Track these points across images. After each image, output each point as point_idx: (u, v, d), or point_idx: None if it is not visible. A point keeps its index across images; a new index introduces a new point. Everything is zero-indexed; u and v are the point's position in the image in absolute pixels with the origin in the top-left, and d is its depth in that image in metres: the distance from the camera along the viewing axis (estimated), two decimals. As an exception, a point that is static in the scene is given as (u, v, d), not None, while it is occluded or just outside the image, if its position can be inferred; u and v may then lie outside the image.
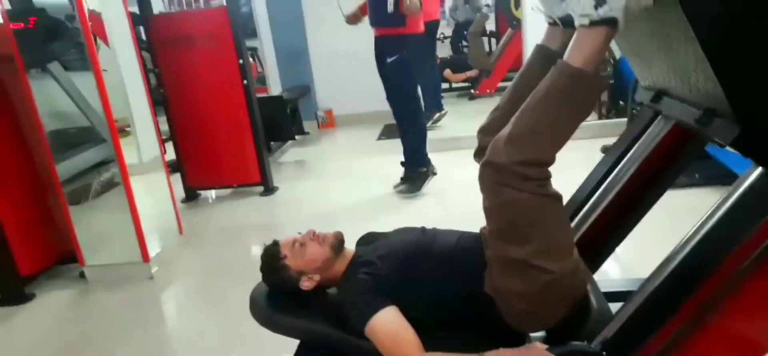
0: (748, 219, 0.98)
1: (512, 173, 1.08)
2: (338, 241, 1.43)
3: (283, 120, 4.95)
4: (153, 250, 2.86)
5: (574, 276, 1.20)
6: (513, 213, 1.13)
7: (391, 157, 3.74)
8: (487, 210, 1.17)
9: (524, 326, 1.25)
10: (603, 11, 1.00)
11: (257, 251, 3.03)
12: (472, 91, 6.68)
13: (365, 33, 3.29)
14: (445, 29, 8.23)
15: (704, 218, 1.15)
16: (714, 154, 2.99)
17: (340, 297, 1.37)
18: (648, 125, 1.67)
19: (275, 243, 1.46)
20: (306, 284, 1.40)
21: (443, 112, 5.31)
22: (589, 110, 1.13)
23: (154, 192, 3.26)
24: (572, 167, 1.78)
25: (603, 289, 1.49)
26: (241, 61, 3.72)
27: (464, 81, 6.81)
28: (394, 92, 3.24)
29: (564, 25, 1.36)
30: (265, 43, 6.06)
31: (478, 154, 1.44)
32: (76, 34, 2.74)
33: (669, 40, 1.09)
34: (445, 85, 6.76)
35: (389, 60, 3.12)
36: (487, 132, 1.41)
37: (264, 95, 5.57)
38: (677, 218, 1.18)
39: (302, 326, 1.43)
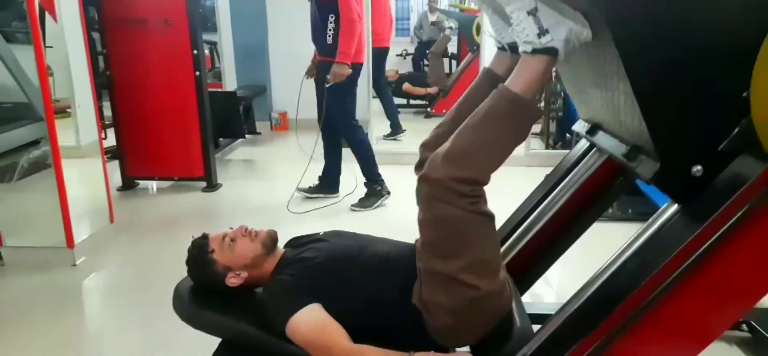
0: (659, 252, 1.03)
1: (447, 188, 1.09)
2: (271, 239, 1.40)
3: (234, 117, 4.85)
4: (79, 236, 2.71)
5: (500, 295, 1.22)
6: (444, 228, 1.14)
7: (343, 165, 3.73)
8: (421, 223, 1.18)
9: (448, 340, 1.26)
10: (545, 40, 1.04)
11: (189, 246, 2.95)
12: (428, 109, 6.78)
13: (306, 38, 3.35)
14: (408, 47, 8.34)
15: (621, 249, 1.21)
16: (646, 191, 3.14)
17: (263, 297, 1.34)
18: (583, 156, 1.74)
19: (204, 236, 1.42)
20: (232, 281, 1.36)
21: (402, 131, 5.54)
22: (525, 135, 1.16)
23: (88, 177, 3.11)
24: (521, 192, 1.83)
25: (529, 310, 1.52)
26: (195, 51, 3.62)
27: (423, 96, 6.90)
28: (330, 114, 3.39)
29: (511, 51, 1.40)
30: (225, 38, 5.94)
31: (418, 167, 1.44)
32: (21, 5, 2.59)
33: (604, 75, 1.14)
34: (402, 101, 6.83)
35: (327, 85, 3.26)
36: (428, 147, 1.42)
37: (218, 89, 5.44)
38: (609, 249, 1.24)
39: (225, 324, 1.39)
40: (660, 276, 1.00)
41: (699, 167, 0.97)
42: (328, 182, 3.69)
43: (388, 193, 3.54)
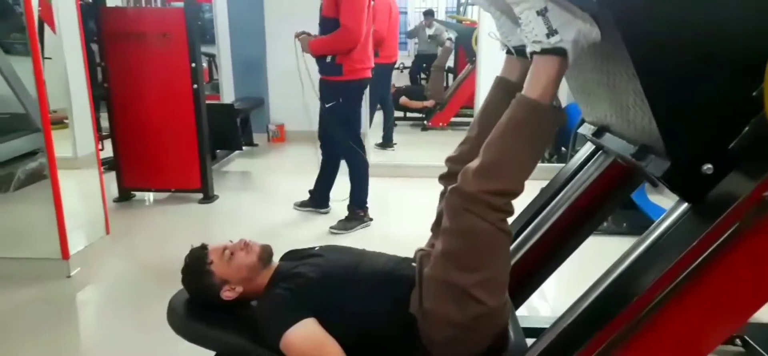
0: (652, 267, 1.04)
1: (480, 201, 1.11)
2: (266, 253, 1.41)
3: (231, 129, 4.86)
4: (75, 248, 2.70)
5: (502, 314, 1.23)
6: (470, 240, 1.15)
7: (338, 179, 3.72)
8: (446, 232, 1.18)
9: (444, 353, 1.26)
10: (554, 40, 1.05)
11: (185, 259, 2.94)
12: (425, 122, 6.79)
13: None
14: (405, 60, 8.38)
15: (615, 263, 1.21)
16: (641, 206, 3.16)
17: (257, 311, 1.34)
18: (579, 170, 1.75)
19: (203, 247, 1.42)
20: (227, 294, 1.36)
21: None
22: (550, 141, 1.19)
23: (85, 188, 3.11)
24: (516, 205, 1.83)
25: (523, 324, 1.53)
26: (193, 64, 3.63)
27: (420, 109, 6.92)
28: (327, 133, 3.34)
29: (517, 54, 1.41)
30: (223, 51, 5.96)
31: (445, 178, 1.47)
32: (20, 17, 2.60)
33: (612, 76, 1.16)
34: (400, 114, 6.85)
35: (326, 105, 3.22)
36: (455, 161, 1.44)
37: (215, 101, 5.46)
38: (604, 263, 1.25)
39: (219, 337, 1.39)
40: (654, 290, 1.00)
41: (709, 166, 0.97)
42: (318, 197, 3.63)
43: (370, 220, 3.44)
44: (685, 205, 1.09)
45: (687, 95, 0.96)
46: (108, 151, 3.90)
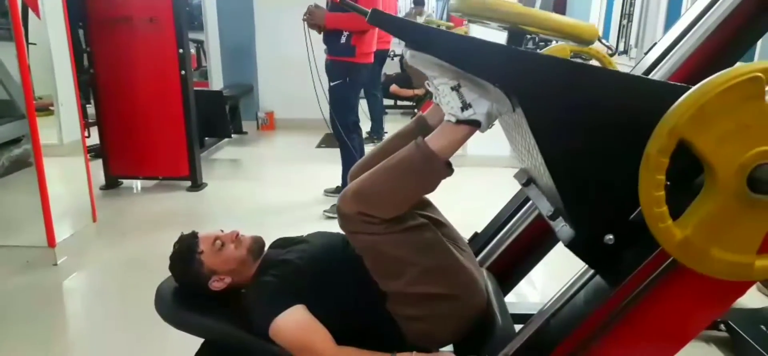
0: (640, 253, 1.04)
1: (359, 221, 1.16)
2: (257, 246, 1.40)
3: (220, 116, 4.82)
4: (61, 236, 2.67)
5: (467, 296, 1.24)
6: (373, 254, 1.21)
7: (328, 166, 3.72)
8: (358, 252, 1.23)
9: (427, 342, 1.27)
10: (468, 114, 1.10)
11: (173, 246, 2.91)
12: (415, 110, 6.79)
13: (315, 40, 3.29)
14: (396, 47, 8.33)
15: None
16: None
17: (246, 299, 1.33)
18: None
19: (194, 235, 1.41)
20: (216, 284, 1.36)
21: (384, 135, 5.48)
22: (431, 189, 1.20)
23: (71, 176, 3.06)
24: (504, 193, 1.84)
25: (512, 310, 1.54)
26: (181, 50, 3.59)
27: (411, 97, 6.91)
28: (332, 113, 3.33)
29: None
30: (211, 37, 5.89)
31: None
32: (3, 1, 2.55)
33: (528, 139, 1.16)
34: (390, 102, 6.83)
35: (333, 83, 3.23)
36: (353, 176, 1.42)
37: (204, 88, 5.40)
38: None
39: (207, 325, 1.38)
40: (640, 275, 1.01)
41: (610, 237, 0.98)
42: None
43: None
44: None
45: (586, 170, 0.96)
46: (95, 138, 3.85)
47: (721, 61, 1.08)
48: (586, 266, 1.22)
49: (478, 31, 1.52)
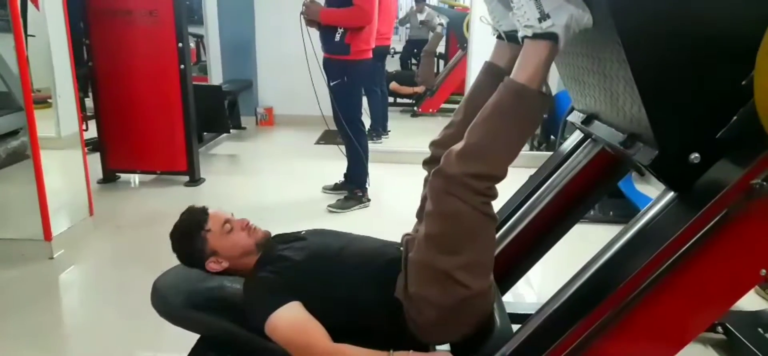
0: (637, 255, 1.04)
1: (462, 184, 1.10)
2: (266, 241, 1.40)
3: (219, 111, 4.80)
4: (57, 229, 2.66)
5: (486, 297, 1.23)
6: (453, 223, 1.14)
7: (327, 162, 3.72)
8: (429, 215, 1.17)
9: (429, 336, 1.26)
10: (546, 25, 1.04)
11: (170, 242, 2.89)
12: (415, 108, 6.77)
13: (315, 36, 3.28)
14: (397, 44, 8.32)
15: (600, 251, 1.22)
16: (627, 194, 3.18)
17: (243, 294, 1.33)
18: (567, 157, 1.75)
19: (204, 211, 1.40)
20: (212, 266, 1.35)
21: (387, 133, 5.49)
22: (535, 126, 1.16)
23: (68, 169, 3.05)
24: (504, 193, 1.83)
25: (509, 310, 1.53)
26: (180, 44, 3.57)
27: (410, 95, 6.90)
28: (335, 112, 3.32)
29: (508, 39, 1.40)
30: (211, 31, 5.87)
31: (428, 163, 1.45)
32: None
33: (603, 63, 1.15)
34: (390, 100, 6.81)
35: (332, 83, 3.22)
36: (438, 145, 1.43)
37: (203, 83, 5.39)
38: (590, 250, 1.25)
39: (203, 320, 1.38)
40: (638, 277, 1.01)
41: (696, 155, 0.98)
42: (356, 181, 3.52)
43: (368, 201, 3.46)
44: (672, 194, 1.09)
45: (676, 84, 0.96)
46: (92, 132, 3.83)
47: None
48: (583, 265, 1.23)
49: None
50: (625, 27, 0.93)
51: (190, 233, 1.37)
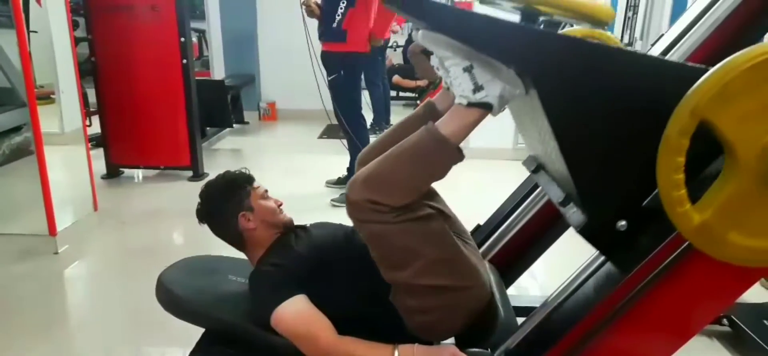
0: (650, 241, 1.03)
1: (368, 209, 1.12)
2: (289, 224, 1.44)
3: (222, 106, 4.81)
4: (62, 224, 2.67)
5: (472, 287, 1.22)
6: (382, 243, 1.17)
7: (330, 157, 3.72)
8: (365, 241, 1.20)
9: (429, 336, 1.26)
10: (480, 96, 1.06)
11: (174, 236, 2.93)
12: (418, 102, 6.76)
13: (316, 29, 3.27)
14: (399, 38, 8.30)
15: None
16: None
17: (249, 287, 1.33)
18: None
19: (252, 177, 1.45)
20: (243, 220, 1.37)
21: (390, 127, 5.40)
22: (442, 175, 1.17)
23: (72, 165, 3.06)
24: (507, 186, 1.83)
25: (514, 303, 1.53)
26: (182, 38, 3.57)
27: (413, 89, 6.89)
28: (334, 106, 3.31)
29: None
30: (213, 26, 5.87)
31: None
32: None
33: (540, 123, 1.14)
34: (393, 93, 6.80)
35: (330, 78, 3.21)
36: (361, 163, 1.41)
37: (205, 78, 5.39)
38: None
39: (208, 314, 1.37)
40: (643, 271, 1.00)
41: (623, 223, 0.97)
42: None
43: None
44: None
45: (600, 153, 0.94)
46: (96, 127, 3.84)
47: (737, 45, 1.05)
48: (589, 259, 1.22)
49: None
50: (549, 101, 0.93)
51: (238, 183, 1.41)
